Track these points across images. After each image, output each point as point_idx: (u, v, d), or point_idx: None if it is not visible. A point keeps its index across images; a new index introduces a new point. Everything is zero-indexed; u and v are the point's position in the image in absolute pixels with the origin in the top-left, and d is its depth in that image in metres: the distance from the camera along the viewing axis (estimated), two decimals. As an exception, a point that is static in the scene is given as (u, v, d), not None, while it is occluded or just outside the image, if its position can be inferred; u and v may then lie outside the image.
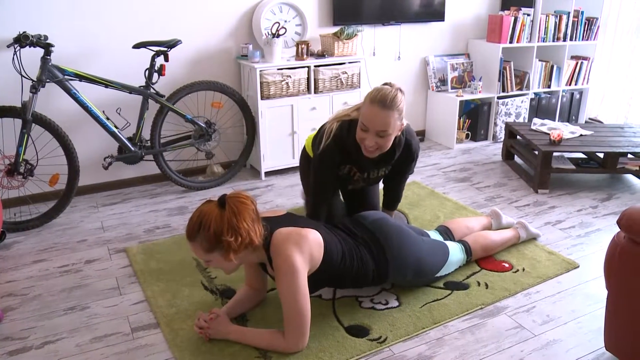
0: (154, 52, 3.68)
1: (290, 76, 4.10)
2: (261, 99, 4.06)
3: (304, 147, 3.16)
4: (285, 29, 4.19)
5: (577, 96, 5.64)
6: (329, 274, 2.35)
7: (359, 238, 2.51)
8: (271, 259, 2.22)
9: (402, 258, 2.52)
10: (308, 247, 2.20)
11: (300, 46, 4.18)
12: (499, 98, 5.18)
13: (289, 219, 2.34)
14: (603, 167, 4.08)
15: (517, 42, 5.10)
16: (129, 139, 3.75)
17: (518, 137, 4.61)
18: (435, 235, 2.93)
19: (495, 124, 5.23)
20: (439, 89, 5.23)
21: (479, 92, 5.10)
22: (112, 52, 3.83)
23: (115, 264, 3.03)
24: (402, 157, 2.83)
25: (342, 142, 2.69)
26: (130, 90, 3.64)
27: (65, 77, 3.42)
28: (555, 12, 5.29)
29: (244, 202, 2.14)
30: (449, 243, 2.84)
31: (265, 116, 4.12)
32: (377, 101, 2.50)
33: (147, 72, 3.70)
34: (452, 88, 5.22)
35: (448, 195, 3.95)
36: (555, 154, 4.29)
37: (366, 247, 2.49)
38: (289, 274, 2.13)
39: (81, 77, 3.47)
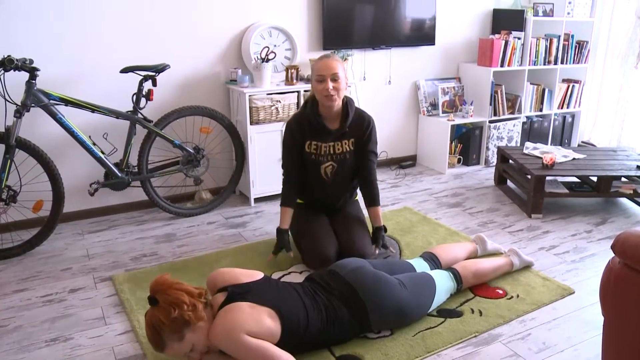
0: (141, 77, 3.68)
1: (279, 101, 4.09)
2: (250, 124, 4.05)
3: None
4: (274, 53, 4.19)
5: (569, 119, 5.67)
6: (295, 343, 2.32)
7: (334, 291, 2.48)
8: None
9: (381, 308, 2.49)
10: (255, 325, 2.20)
11: (290, 71, 4.18)
12: (490, 122, 5.20)
13: (259, 288, 2.33)
14: (597, 191, 4.08)
15: (508, 65, 5.13)
16: (116, 164, 3.74)
17: (510, 161, 4.61)
18: (420, 264, 2.92)
19: (487, 148, 5.24)
20: (430, 113, 5.24)
21: (471, 116, 5.11)
22: (99, 77, 3.83)
23: (101, 293, 2.99)
24: (357, 121, 3.17)
25: (302, 115, 3.16)
26: (118, 115, 3.63)
27: (51, 101, 3.40)
28: (545, 35, 5.34)
29: (169, 290, 2.17)
30: (436, 272, 2.81)
31: (255, 141, 4.11)
32: (324, 56, 3.07)
33: (134, 96, 3.69)
34: (443, 112, 5.23)
35: (440, 220, 3.93)
36: (548, 178, 4.29)
37: (342, 299, 2.46)
38: (231, 335, 2.14)
39: (67, 102, 3.45)
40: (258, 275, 2.42)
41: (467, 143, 5.20)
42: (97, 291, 3.02)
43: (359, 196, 3.67)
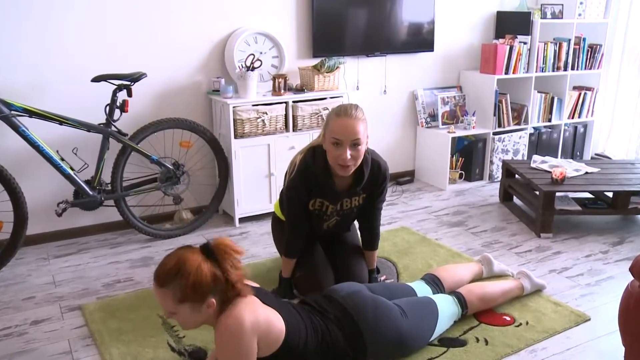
0: (115, 87, 3.68)
1: (266, 113, 4.11)
2: (235, 137, 4.06)
3: (274, 212, 3.36)
4: (260, 61, 4.19)
5: (581, 130, 5.68)
6: (290, 358, 2.31)
7: (330, 315, 2.48)
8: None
9: (380, 336, 2.48)
10: (265, 321, 2.18)
11: (277, 80, 4.18)
12: (494, 134, 5.20)
13: (262, 294, 2.33)
14: (613, 207, 4.09)
15: (514, 72, 5.14)
16: (87, 182, 3.71)
17: (517, 176, 4.61)
18: (422, 287, 2.92)
19: (491, 163, 5.24)
20: (429, 125, 5.24)
21: (473, 127, 5.11)
22: (68, 86, 3.81)
23: (68, 324, 2.94)
24: (372, 178, 2.96)
25: (308, 171, 2.88)
26: (89, 128, 3.62)
27: (12, 112, 3.37)
28: (554, 39, 5.34)
29: (230, 253, 2.14)
30: (438, 297, 2.81)
31: (239, 157, 4.12)
32: (343, 113, 2.73)
33: (107, 108, 3.68)
34: (443, 124, 5.23)
35: (441, 241, 3.93)
36: (558, 194, 4.29)
37: (337, 324, 2.46)
38: (234, 335, 2.10)
39: (31, 113, 3.42)
40: (252, 284, 2.41)
41: (469, 157, 5.19)
42: (64, 322, 2.97)
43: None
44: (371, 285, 2.80)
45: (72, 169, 3.63)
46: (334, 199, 2.99)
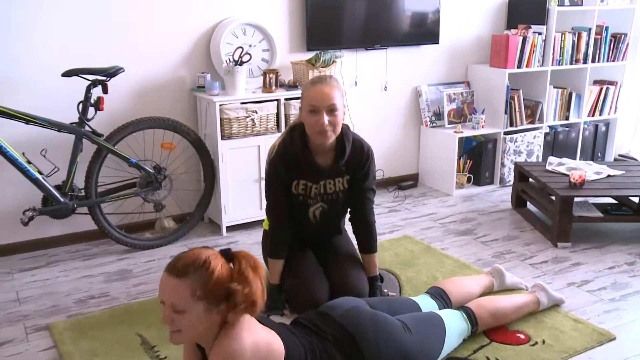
0: (89, 82, 3.67)
1: (256, 111, 4.12)
2: (222, 138, 4.08)
3: (264, 229, 3.42)
4: (249, 55, 4.18)
5: (603, 129, 5.68)
6: None
7: (328, 335, 2.44)
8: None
9: (381, 354, 2.45)
10: (265, 344, 2.15)
11: (268, 76, 4.20)
12: (506, 134, 5.20)
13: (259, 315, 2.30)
14: (638, 214, 4.11)
15: (527, 66, 5.14)
16: (57, 187, 3.70)
17: (531, 179, 4.61)
18: (427, 302, 2.90)
19: (503, 165, 5.24)
20: (434, 125, 5.25)
21: (482, 127, 5.12)
22: (36, 81, 3.81)
23: (34, 346, 2.90)
24: (355, 156, 3.10)
25: (288, 152, 3.06)
26: (59, 127, 3.61)
27: (-27, 110, 3.40)
28: (573, 28, 5.35)
29: (256, 262, 2.14)
30: (445, 312, 2.80)
31: (227, 159, 4.12)
32: (319, 81, 2.98)
33: (80, 105, 3.68)
34: (450, 123, 5.22)
35: (447, 251, 3.93)
36: (577, 199, 4.27)
37: (336, 345, 2.42)
38: (232, 358, 2.04)
39: (-7, 111, 3.45)
40: None
41: (478, 159, 5.21)
42: (29, 344, 2.93)
43: (347, 225, 3.66)
44: (370, 299, 2.79)
45: (40, 172, 3.61)
46: (316, 178, 3.10)
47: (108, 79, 3.65)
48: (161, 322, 2.06)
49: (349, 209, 3.27)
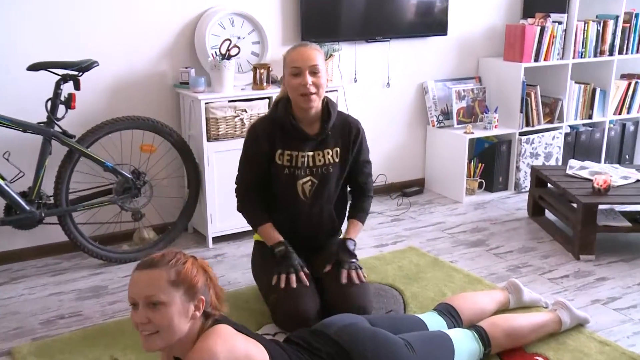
0: (59, 77, 3.67)
1: (245, 110, 4.14)
2: (208, 140, 4.10)
3: (255, 241, 3.51)
4: (238, 48, 4.18)
5: (631, 128, 5.67)
6: None
7: (322, 353, 2.45)
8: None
9: None
10: (244, 356, 2.17)
11: (258, 71, 4.20)
12: (521, 134, 5.21)
13: (245, 328, 2.34)
14: None
15: (545, 59, 5.14)
16: (22, 194, 3.69)
17: (549, 185, 4.62)
18: (434, 320, 2.89)
19: (518, 169, 5.25)
20: (442, 124, 5.26)
21: (495, 127, 5.12)
22: None
23: None
24: (342, 125, 3.28)
25: (270, 119, 3.25)
26: (25, 127, 3.62)
27: None
28: (597, 17, 5.34)
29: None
30: (454, 331, 2.78)
31: (213, 163, 4.14)
32: (300, 45, 3.23)
33: (49, 103, 3.68)
34: (459, 123, 5.22)
35: (457, 264, 3.94)
36: (601, 206, 4.24)
37: None
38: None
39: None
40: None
41: (490, 162, 5.21)
42: None
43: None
44: (372, 317, 2.78)
45: (2, 178, 3.61)
46: (302, 146, 3.21)
47: (80, 73, 3.64)
48: (134, 327, 2.09)
49: (349, 189, 3.45)
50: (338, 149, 3.27)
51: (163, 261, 2.13)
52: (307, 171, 3.23)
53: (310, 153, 3.22)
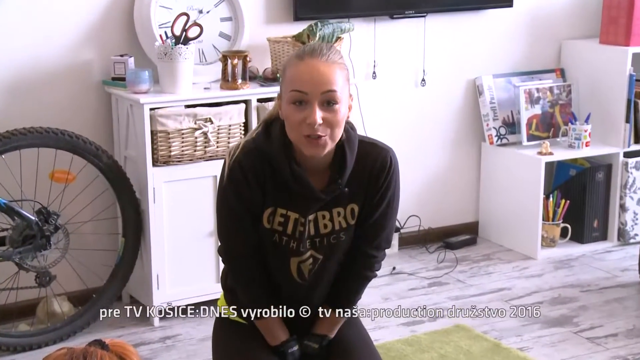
0: None
1: (211, 120, 4.21)
2: (154, 164, 4.15)
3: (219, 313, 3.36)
4: (200, 26, 4.21)
5: None
6: None
7: None
8: None
9: None
10: None
11: (230, 62, 4.26)
12: (627, 155, 5.30)
13: None
14: None
15: None
16: None
17: None
18: None
19: (623, 208, 5.32)
20: (504, 141, 5.31)
21: (586, 144, 5.16)
22: None
23: None
24: (364, 167, 2.89)
25: (260, 147, 2.86)
26: None
27: None
28: None
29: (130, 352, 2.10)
30: None
31: (162, 198, 4.19)
32: (309, 53, 2.71)
33: None
34: (531, 138, 5.22)
35: (529, 352, 3.94)
36: None
37: None
38: None
39: None
40: None
41: (580, 198, 5.26)
42: None
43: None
44: None
45: None
46: (304, 205, 2.85)
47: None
48: None
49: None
50: (355, 207, 2.92)
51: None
52: (307, 244, 2.93)
53: (313, 215, 2.94)
